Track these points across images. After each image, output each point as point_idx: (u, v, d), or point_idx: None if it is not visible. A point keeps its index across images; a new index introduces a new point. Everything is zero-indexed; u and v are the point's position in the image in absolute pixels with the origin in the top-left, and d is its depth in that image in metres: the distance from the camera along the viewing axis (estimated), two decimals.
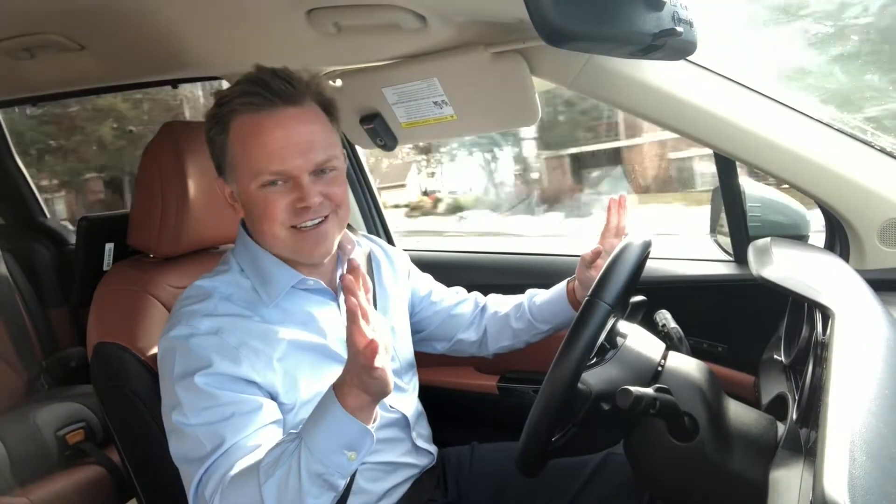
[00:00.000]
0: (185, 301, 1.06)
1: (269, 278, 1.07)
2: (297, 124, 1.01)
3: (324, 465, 0.85)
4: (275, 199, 1.01)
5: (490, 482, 1.28)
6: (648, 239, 1.03)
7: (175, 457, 0.99)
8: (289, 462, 0.86)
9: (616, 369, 0.94)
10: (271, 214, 1.02)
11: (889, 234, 1.28)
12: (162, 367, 1.02)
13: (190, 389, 0.96)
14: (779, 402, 1.07)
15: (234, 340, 1.00)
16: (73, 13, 1.27)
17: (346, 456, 0.85)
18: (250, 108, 1.01)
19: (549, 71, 1.40)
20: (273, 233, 1.03)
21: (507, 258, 1.92)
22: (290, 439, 0.88)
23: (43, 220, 2.46)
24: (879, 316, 0.93)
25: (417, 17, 1.24)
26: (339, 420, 0.84)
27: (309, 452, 0.85)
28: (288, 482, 0.85)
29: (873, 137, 1.30)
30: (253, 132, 1.01)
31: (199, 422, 0.95)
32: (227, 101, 1.03)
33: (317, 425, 0.86)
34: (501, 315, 1.37)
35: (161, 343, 1.03)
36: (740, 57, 1.54)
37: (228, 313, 1.03)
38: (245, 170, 1.02)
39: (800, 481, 0.75)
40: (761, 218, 1.48)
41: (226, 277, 1.09)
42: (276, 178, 1.01)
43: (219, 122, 1.03)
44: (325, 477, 0.85)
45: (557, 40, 0.83)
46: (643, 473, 0.97)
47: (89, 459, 1.69)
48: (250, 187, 1.02)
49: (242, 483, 0.89)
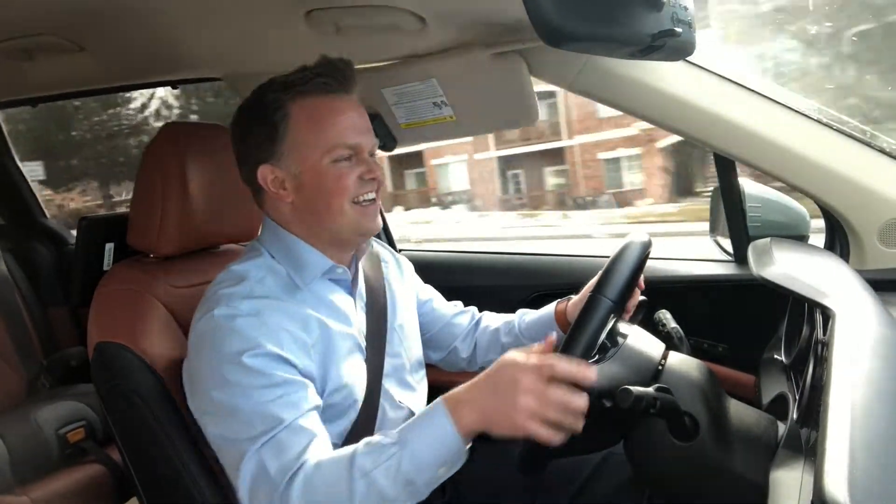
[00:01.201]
0: (220, 284, 1.06)
1: (303, 263, 1.09)
2: (355, 107, 1.10)
3: (419, 475, 0.87)
4: (347, 172, 1.06)
5: (490, 482, 1.28)
6: (648, 239, 1.04)
7: (216, 436, 0.98)
8: (387, 464, 0.87)
9: (617, 368, 0.94)
10: (343, 186, 1.06)
11: (889, 234, 1.29)
12: (201, 346, 1.01)
13: (239, 369, 0.96)
14: (779, 401, 1.07)
15: (273, 323, 1.01)
16: (72, 14, 1.27)
17: (441, 470, 0.89)
18: (323, 90, 1.06)
19: (549, 71, 1.40)
20: (341, 207, 1.07)
21: (508, 258, 1.92)
22: (391, 442, 0.89)
23: (43, 219, 2.46)
24: (879, 316, 0.93)
25: (417, 17, 1.24)
26: (447, 437, 0.87)
27: (409, 461, 0.87)
28: (382, 484, 0.87)
29: (873, 138, 1.30)
30: (327, 110, 1.06)
31: (251, 401, 0.94)
32: (293, 84, 1.06)
33: (423, 437, 0.88)
34: (492, 329, 1.38)
35: (201, 324, 1.02)
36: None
37: (265, 295, 1.04)
38: (316, 147, 1.06)
39: (800, 481, 0.75)
40: (761, 218, 1.48)
41: (258, 262, 1.09)
42: (348, 153, 1.06)
43: (282, 105, 1.06)
44: (415, 486, 0.88)
45: (557, 41, 0.83)
46: (643, 473, 0.97)
47: (90, 458, 1.68)
48: (322, 163, 1.06)
49: (330, 472, 0.89)
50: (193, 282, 1.31)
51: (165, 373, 1.15)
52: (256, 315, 1.00)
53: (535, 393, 0.82)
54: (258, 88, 1.10)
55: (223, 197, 1.31)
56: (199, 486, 1.10)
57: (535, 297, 1.74)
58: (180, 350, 1.23)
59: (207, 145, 1.31)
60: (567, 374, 0.82)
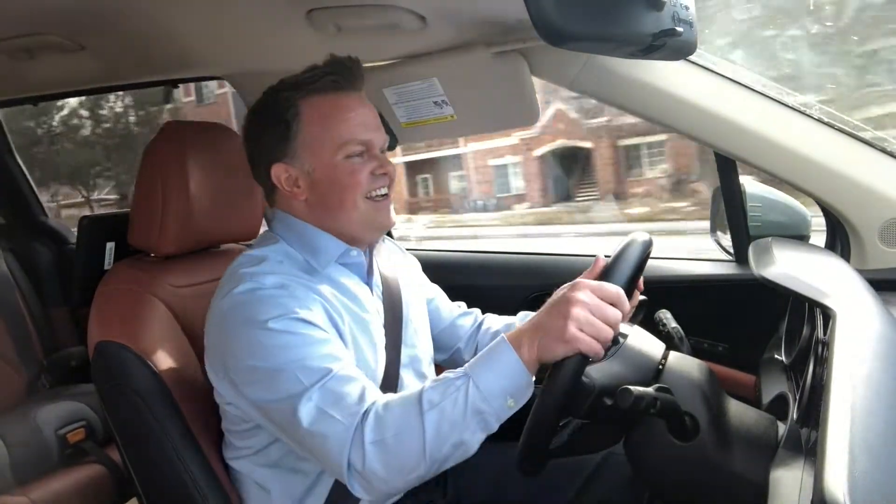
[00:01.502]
0: (239, 266, 1.06)
1: (318, 247, 1.10)
2: (365, 104, 1.11)
3: (488, 404, 0.89)
4: (360, 168, 1.08)
5: (490, 482, 1.28)
6: (649, 238, 1.03)
7: (261, 401, 0.98)
8: (455, 395, 0.89)
9: (617, 368, 0.94)
10: (356, 181, 1.07)
11: (890, 233, 1.28)
12: (227, 323, 1.01)
13: (272, 333, 0.96)
14: (779, 401, 1.07)
15: (301, 294, 1.02)
16: (73, 14, 1.27)
17: (507, 402, 0.90)
18: (333, 87, 1.08)
19: (549, 71, 1.40)
20: (354, 202, 1.08)
21: (508, 258, 1.92)
22: (456, 376, 0.91)
23: (44, 219, 2.46)
24: (880, 316, 0.93)
25: (417, 17, 1.25)
26: (511, 367, 0.90)
27: (477, 390, 0.89)
28: (452, 413, 0.89)
29: (874, 137, 1.30)
30: (339, 107, 1.08)
31: (291, 359, 0.94)
32: (304, 83, 1.08)
33: (489, 367, 0.91)
34: (493, 332, 1.37)
35: (224, 302, 1.02)
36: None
37: (289, 272, 1.05)
38: (329, 143, 1.07)
39: (800, 481, 0.75)
40: (762, 218, 1.48)
41: (275, 247, 1.10)
42: (359, 149, 1.08)
43: (293, 103, 1.07)
44: (485, 416, 0.89)
45: (557, 40, 0.83)
46: (643, 473, 0.97)
47: (90, 458, 1.68)
48: (335, 159, 1.07)
49: (400, 409, 0.91)
50: (194, 281, 1.31)
51: (166, 373, 1.16)
52: (283, 287, 1.01)
53: (588, 306, 0.88)
54: (269, 89, 1.11)
55: (224, 196, 1.31)
56: (199, 486, 1.11)
57: (535, 296, 1.74)
58: (181, 349, 1.23)
59: (208, 144, 1.31)
60: (613, 294, 0.90)
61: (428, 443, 0.88)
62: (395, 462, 0.90)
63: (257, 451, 1.10)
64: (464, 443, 0.90)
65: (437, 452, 0.89)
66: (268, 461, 1.10)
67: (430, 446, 0.89)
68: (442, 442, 0.89)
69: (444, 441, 0.89)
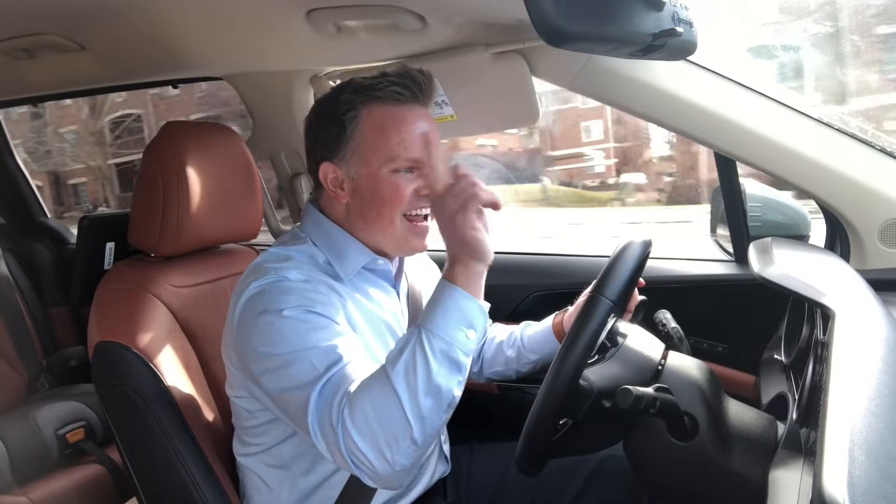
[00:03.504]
0: (264, 262, 1.05)
1: (344, 254, 1.09)
2: (426, 119, 1.10)
3: (445, 341, 0.90)
4: (405, 185, 1.06)
5: (490, 482, 1.28)
6: (649, 239, 1.04)
7: (278, 390, 0.97)
8: (413, 347, 0.90)
9: (617, 368, 0.94)
10: (398, 197, 1.06)
11: (890, 233, 1.28)
12: (248, 310, 1.00)
13: (291, 321, 0.96)
14: (779, 401, 1.07)
15: (324, 291, 1.02)
16: (73, 13, 1.27)
17: (465, 333, 0.91)
18: (395, 98, 1.07)
19: (549, 71, 1.40)
20: (391, 218, 1.07)
21: (507, 258, 1.92)
22: (408, 332, 0.93)
23: (43, 219, 2.46)
24: (880, 316, 0.93)
25: (417, 17, 1.24)
26: (453, 298, 0.92)
27: (430, 332, 0.90)
28: (416, 364, 0.89)
29: (874, 137, 1.30)
30: (395, 120, 1.06)
31: (307, 345, 0.94)
32: (368, 88, 1.07)
33: (433, 310, 0.93)
34: (497, 342, 1.38)
35: (245, 294, 1.01)
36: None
37: (313, 272, 1.04)
38: (378, 154, 1.06)
39: (799, 481, 0.75)
40: (761, 218, 1.48)
41: (301, 247, 1.09)
42: (410, 166, 1.06)
43: (354, 106, 1.07)
44: (450, 354, 0.90)
45: (557, 40, 0.83)
46: (643, 473, 0.97)
47: (89, 458, 1.68)
48: (381, 171, 1.06)
49: (369, 382, 0.90)
50: (194, 281, 1.31)
51: (166, 372, 1.16)
52: (307, 282, 1.01)
53: (444, 209, 0.96)
54: (337, 86, 1.11)
55: (224, 196, 1.31)
56: (198, 486, 1.11)
57: (534, 296, 1.74)
58: (181, 349, 1.23)
59: (208, 145, 1.31)
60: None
61: (406, 404, 0.87)
62: (384, 436, 0.88)
63: (267, 449, 1.10)
64: (440, 388, 0.89)
65: (419, 409, 0.88)
66: (277, 461, 1.10)
67: (409, 406, 0.88)
68: (419, 396, 0.88)
69: (420, 395, 0.88)
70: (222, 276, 1.37)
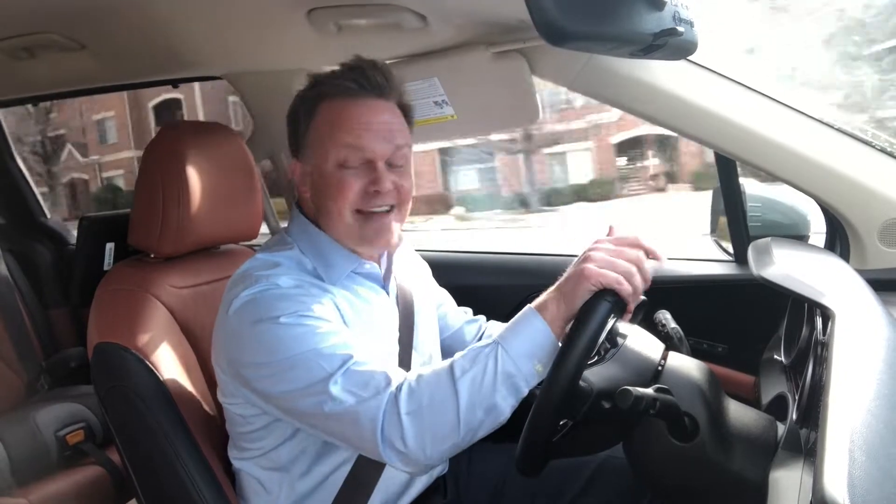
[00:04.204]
0: (251, 269, 1.04)
1: (330, 260, 1.09)
2: (381, 113, 1.06)
3: (517, 368, 0.91)
4: (350, 181, 1.04)
5: (489, 483, 1.28)
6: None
7: (283, 393, 0.96)
8: (485, 361, 0.91)
9: (616, 368, 0.94)
10: (344, 194, 1.04)
11: (889, 234, 1.28)
12: (241, 321, 0.99)
13: (288, 327, 0.95)
14: (779, 402, 1.07)
15: (317, 293, 1.01)
16: (73, 13, 1.27)
17: (535, 366, 0.92)
18: (344, 92, 1.05)
19: (550, 70, 1.40)
20: (340, 212, 1.05)
21: (506, 258, 1.92)
22: (485, 344, 0.93)
23: (43, 219, 2.46)
24: (880, 316, 0.93)
25: (418, 16, 1.24)
26: (538, 331, 0.92)
27: (506, 353, 0.91)
28: (483, 379, 0.90)
29: (874, 137, 1.30)
30: (341, 113, 1.05)
31: (310, 348, 0.94)
32: (320, 84, 1.07)
33: (516, 333, 0.93)
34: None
35: (236, 303, 1.00)
36: None
37: (303, 277, 1.04)
38: (325, 148, 1.05)
39: (799, 481, 0.75)
40: (761, 218, 1.48)
41: (288, 253, 1.08)
42: (355, 160, 1.04)
43: (309, 102, 1.08)
44: (515, 380, 0.91)
45: (558, 40, 0.83)
46: (643, 474, 0.97)
47: (89, 460, 1.68)
48: (327, 166, 1.05)
49: (433, 379, 0.92)
50: (194, 282, 1.31)
51: (165, 374, 1.15)
52: (298, 286, 1.01)
53: (603, 249, 0.93)
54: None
55: (224, 197, 1.31)
56: (198, 487, 1.10)
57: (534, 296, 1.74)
58: (181, 350, 1.23)
59: (208, 145, 1.31)
60: (631, 238, 0.95)
61: (462, 409, 0.89)
62: (432, 431, 0.91)
63: (264, 454, 1.10)
64: (496, 407, 0.91)
65: (472, 419, 0.90)
66: (274, 464, 1.09)
67: (465, 413, 0.90)
68: (475, 408, 0.90)
69: (477, 407, 0.90)
70: (222, 277, 1.37)
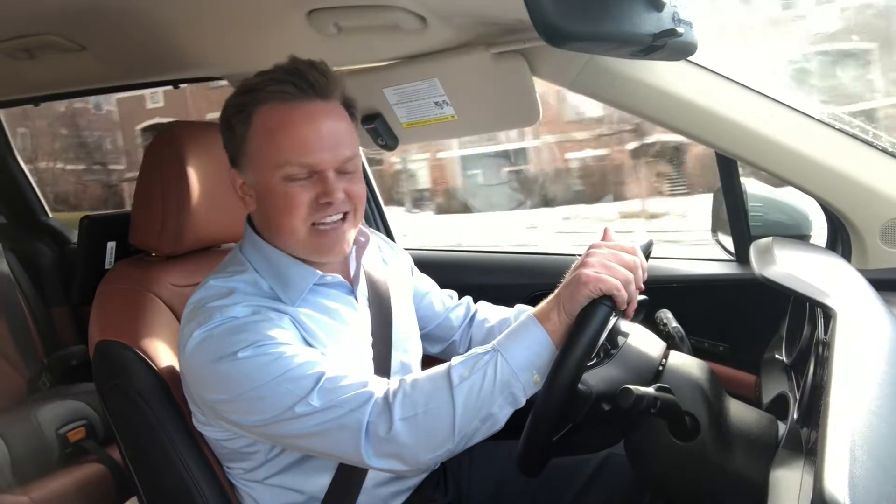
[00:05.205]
0: (204, 300, 1.00)
1: (288, 280, 1.04)
2: (326, 119, 0.99)
3: (516, 377, 0.90)
4: (298, 194, 0.98)
5: (490, 482, 1.28)
6: (650, 239, 1.03)
7: (255, 423, 0.95)
8: (484, 369, 0.90)
9: (617, 369, 0.94)
10: (294, 209, 0.98)
11: (891, 233, 1.28)
12: (201, 358, 0.96)
13: (247, 359, 0.92)
14: (780, 401, 1.07)
15: (275, 317, 0.98)
16: (73, 14, 1.27)
17: (533, 376, 0.90)
18: (281, 98, 0.98)
19: (550, 71, 1.40)
20: (292, 228, 1.00)
21: (507, 257, 1.92)
22: (484, 351, 0.92)
23: (45, 218, 2.46)
24: (881, 316, 0.93)
25: (418, 17, 1.24)
26: (538, 341, 0.91)
27: (506, 363, 0.90)
28: (482, 388, 0.89)
29: (875, 137, 1.30)
30: (282, 122, 0.98)
31: (274, 376, 0.91)
32: (255, 89, 1.00)
33: (516, 341, 0.92)
34: (488, 327, 1.34)
35: (190, 343, 0.96)
36: None
37: (260, 303, 1.00)
38: (268, 161, 0.98)
39: (800, 481, 0.75)
40: (763, 217, 1.48)
41: (244, 277, 1.04)
42: (303, 172, 0.98)
43: (243, 109, 1.00)
44: (513, 390, 0.90)
45: (558, 40, 0.83)
46: (644, 473, 0.97)
47: (90, 458, 1.69)
48: (272, 180, 0.98)
49: (429, 385, 0.91)
50: (195, 280, 1.31)
51: (166, 372, 1.16)
52: (256, 313, 0.98)
53: (600, 254, 0.91)
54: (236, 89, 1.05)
55: (224, 196, 1.30)
56: (199, 485, 1.11)
57: (534, 296, 1.74)
58: None
59: (208, 144, 1.30)
60: (627, 246, 0.93)
61: (458, 417, 0.89)
62: (426, 437, 0.90)
63: (247, 472, 1.10)
64: (492, 416, 0.90)
65: (467, 426, 0.90)
66: (257, 478, 1.10)
67: (460, 420, 0.89)
68: (472, 416, 0.89)
69: (473, 415, 0.89)
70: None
